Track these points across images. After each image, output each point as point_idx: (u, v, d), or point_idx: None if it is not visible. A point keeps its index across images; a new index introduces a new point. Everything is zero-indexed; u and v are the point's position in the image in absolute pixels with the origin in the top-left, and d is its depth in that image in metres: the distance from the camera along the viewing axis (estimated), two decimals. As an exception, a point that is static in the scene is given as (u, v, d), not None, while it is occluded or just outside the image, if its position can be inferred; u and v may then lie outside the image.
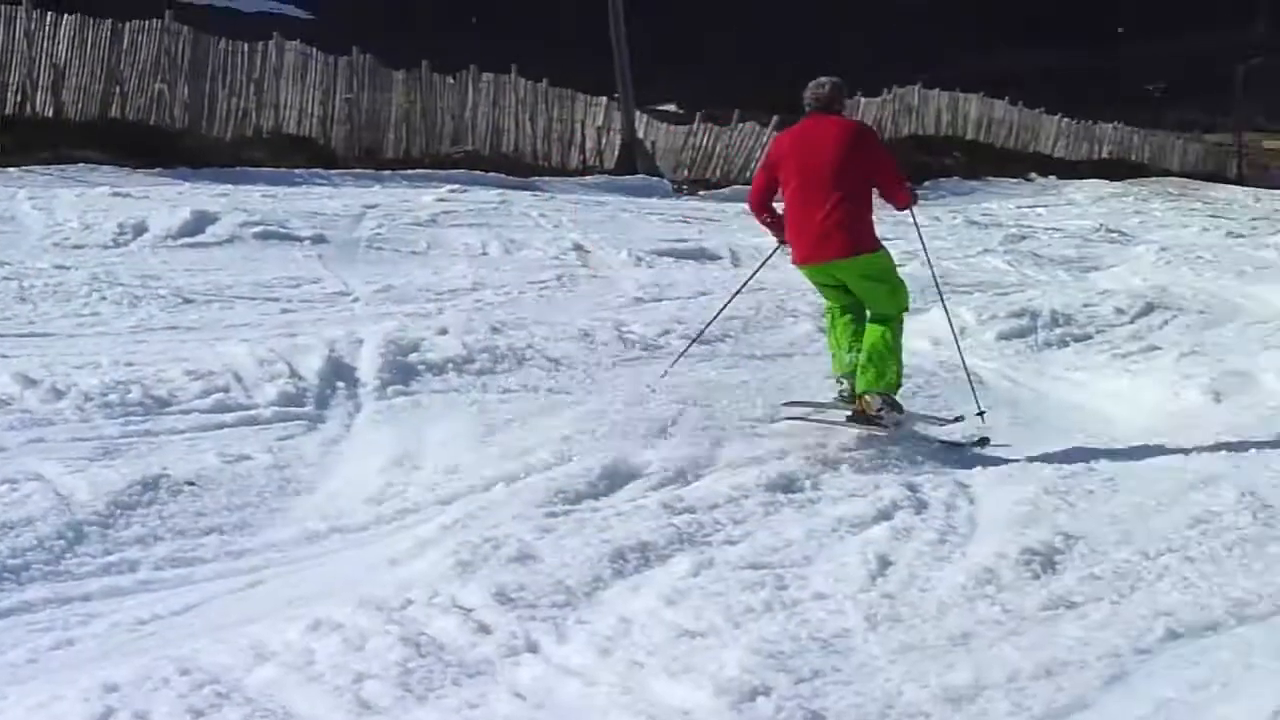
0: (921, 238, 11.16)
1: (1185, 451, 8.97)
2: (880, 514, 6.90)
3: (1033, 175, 50.68)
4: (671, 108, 63.87)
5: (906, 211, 9.74)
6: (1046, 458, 8.77)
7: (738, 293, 11.16)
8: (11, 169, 19.71)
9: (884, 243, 9.21)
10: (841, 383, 9.42)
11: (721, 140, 39.36)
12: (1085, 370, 12.10)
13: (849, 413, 9.12)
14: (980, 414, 9.61)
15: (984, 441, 9.41)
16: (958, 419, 9.66)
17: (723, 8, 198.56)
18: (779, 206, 9.60)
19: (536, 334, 11.36)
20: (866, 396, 8.92)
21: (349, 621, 5.18)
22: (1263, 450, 8.89)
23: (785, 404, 9.58)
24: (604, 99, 36.03)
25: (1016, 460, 8.73)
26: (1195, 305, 15.87)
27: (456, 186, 23.83)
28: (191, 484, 7.13)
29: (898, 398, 9.11)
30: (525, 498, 6.97)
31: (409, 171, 26.40)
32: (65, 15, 24.65)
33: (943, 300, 11.06)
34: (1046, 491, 7.47)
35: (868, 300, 9.32)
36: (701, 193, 32.01)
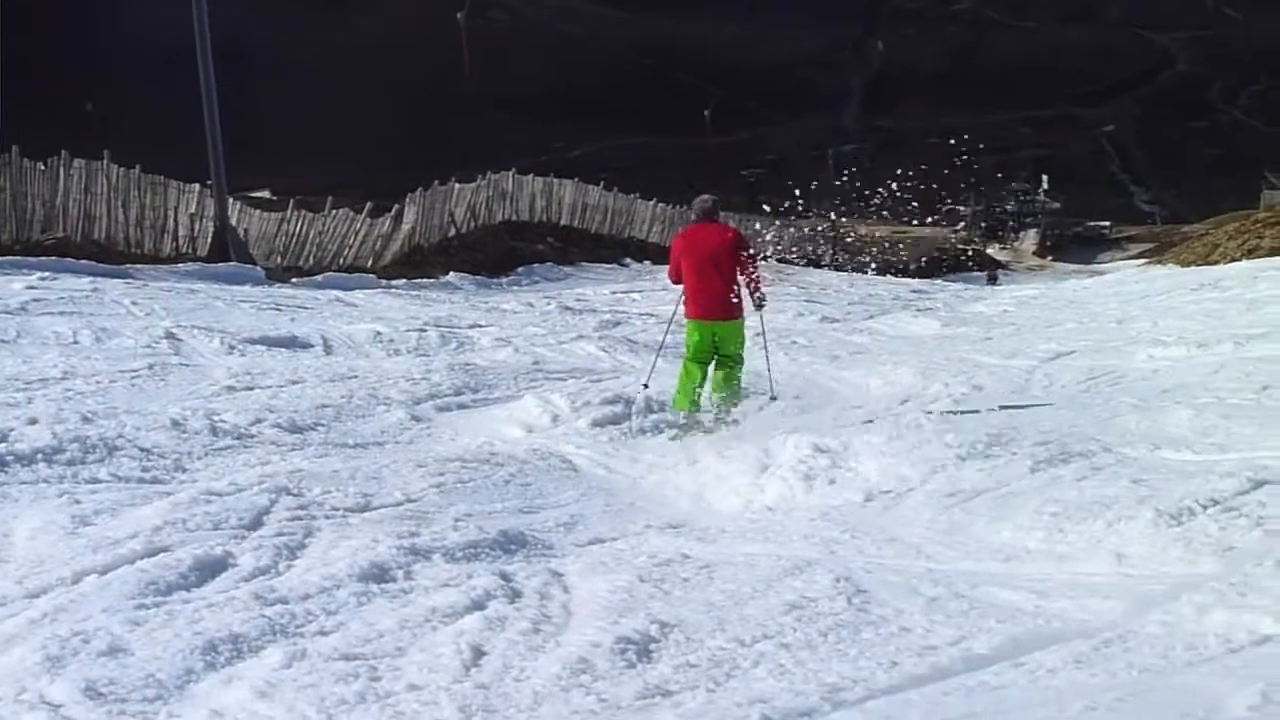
0: (763, 326, 15.66)
1: (780, 538, 9.11)
2: (474, 603, 6.89)
3: (627, 260, 51.48)
4: (265, 194, 63.45)
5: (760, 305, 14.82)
6: (641, 545, 8.83)
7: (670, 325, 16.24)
8: None
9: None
10: (684, 417, 14.16)
11: (315, 226, 39.20)
12: (680, 457, 12.18)
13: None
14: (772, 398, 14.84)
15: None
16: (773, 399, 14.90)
17: (314, 97, 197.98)
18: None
19: (128, 423, 11.16)
20: (725, 407, 14.35)
21: (-69, 722, 5.07)
22: (856, 536, 9.10)
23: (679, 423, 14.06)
24: (197, 186, 35.60)
25: (611, 548, 8.78)
26: (790, 390, 16.25)
27: (47, 274, 23.36)
28: None
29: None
30: (116, 590, 6.80)
31: (-2, 259, 25.61)
32: None
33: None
34: (641, 579, 7.53)
35: (730, 346, 14.58)
36: (294, 280, 31.85)
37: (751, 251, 14.83)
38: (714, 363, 14.63)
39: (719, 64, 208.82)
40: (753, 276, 14.52)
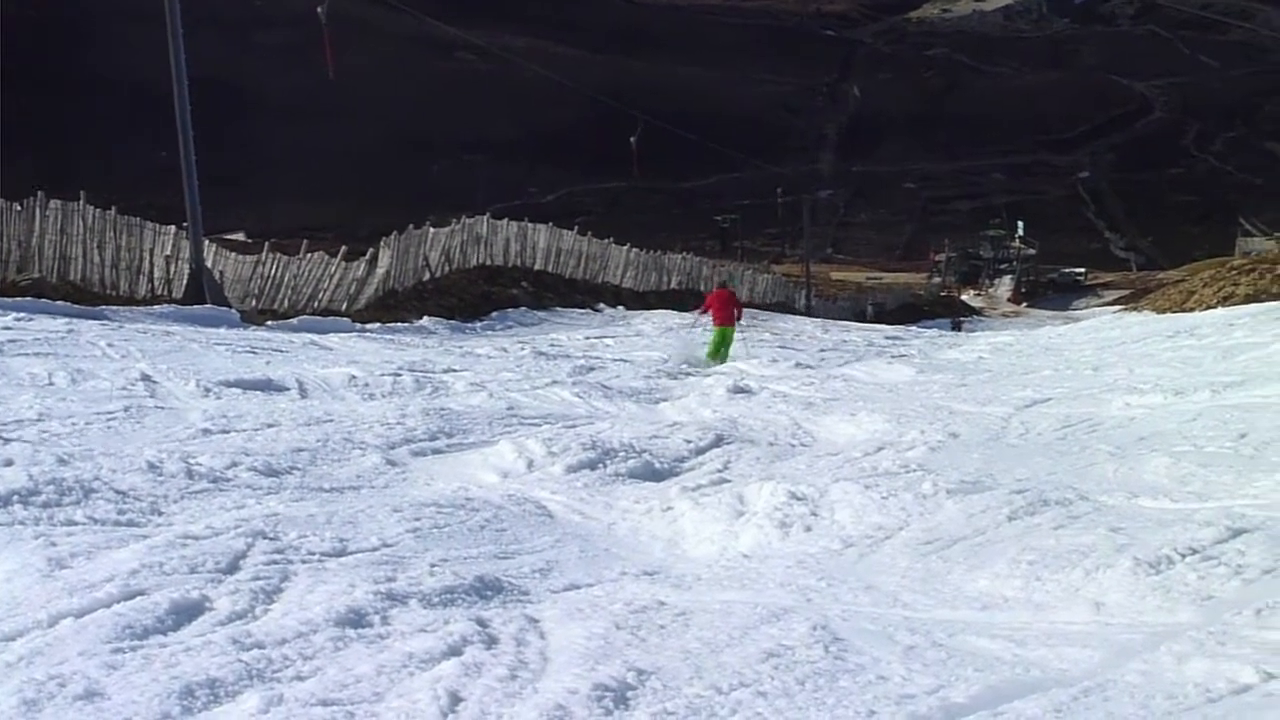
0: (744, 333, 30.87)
1: (756, 585, 9.04)
2: (450, 649, 6.82)
3: (601, 306, 51.64)
4: (240, 236, 63.47)
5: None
6: (617, 592, 8.74)
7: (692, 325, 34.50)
8: None
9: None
10: (710, 364, 29.48)
11: (290, 270, 39.23)
12: (655, 503, 12.04)
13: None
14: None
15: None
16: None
17: (290, 138, 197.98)
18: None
19: (104, 466, 11.05)
20: (720, 362, 30.93)
21: (-97, 770, 5.03)
22: (833, 583, 9.04)
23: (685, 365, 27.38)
24: (173, 228, 35.62)
25: (587, 595, 8.74)
26: (765, 437, 16.20)
27: (22, 315, 23.33)
28: None
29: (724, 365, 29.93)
30: (92, 633, 6.74)
31: (-28, 300, 25.55)
32: None
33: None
34: (618, 627, 7.46)
35: (731, 340, 32.78)
36: (269, 323, 31.87)
37: (739, 300, 34.89)
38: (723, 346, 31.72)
39: (692, 109, 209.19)
40: (740, 311, 33.78)
